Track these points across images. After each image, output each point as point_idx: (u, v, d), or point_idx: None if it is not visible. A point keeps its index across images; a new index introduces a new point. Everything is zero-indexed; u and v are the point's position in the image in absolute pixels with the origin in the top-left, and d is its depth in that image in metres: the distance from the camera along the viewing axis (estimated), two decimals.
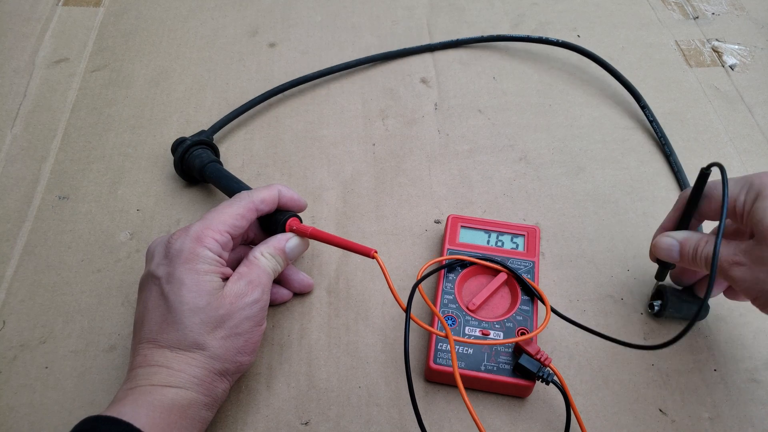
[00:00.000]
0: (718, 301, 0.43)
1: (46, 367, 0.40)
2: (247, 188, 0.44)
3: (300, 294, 0.44)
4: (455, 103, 0.56)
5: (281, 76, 0.58)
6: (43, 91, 0.56)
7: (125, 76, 0.58)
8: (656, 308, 0.42)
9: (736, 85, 0.58)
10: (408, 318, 0.36)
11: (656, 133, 0.53)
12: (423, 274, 0.39)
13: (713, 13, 0.66)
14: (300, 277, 0.43)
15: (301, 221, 0.42)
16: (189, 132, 0.52)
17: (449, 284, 0.42)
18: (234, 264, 0.39)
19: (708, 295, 0.34)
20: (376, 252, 0.37)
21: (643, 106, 0.55)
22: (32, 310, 0.43)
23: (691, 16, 0.65)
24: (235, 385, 0.39)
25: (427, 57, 0.60)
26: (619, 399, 0.39)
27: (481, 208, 0.49)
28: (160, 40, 0.61)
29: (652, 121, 0.54)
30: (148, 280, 0.36)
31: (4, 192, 0.49)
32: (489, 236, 0.44)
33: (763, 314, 0.34)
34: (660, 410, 0.39)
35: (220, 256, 0.37)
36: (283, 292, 0.43)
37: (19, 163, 0.51)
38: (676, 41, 0.62)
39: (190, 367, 0.34)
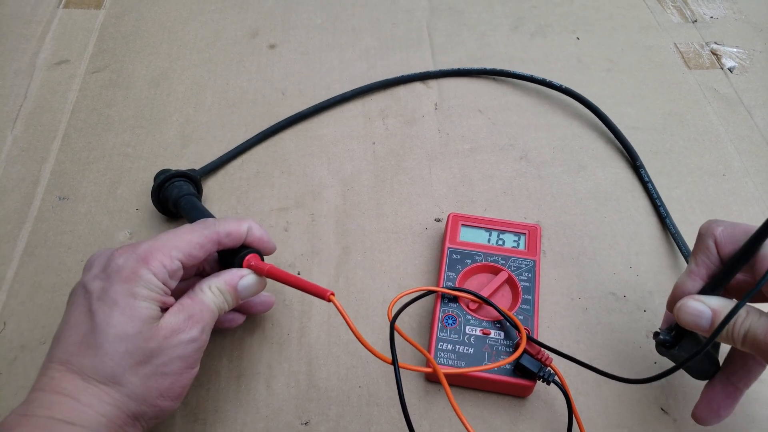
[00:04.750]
0: None
1: None
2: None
3: (256, 314, 0.41)
4: (455, 103, 0.57)
5: (281, 78, 0.58)
6: (43, 92, 0.57)
7: (125, 78, 0.58)
8: (663, 338, 0.34)
9: (735, 88, 0.58)
10: (397, 369, 0.32)
11: (651, 196, 0.49)
12: (394, 314, 0.35)
13: (712, 17, 0.66)
14: (261, 298, 0.39)
15: (262, 260, 0.38)
16: (189, 131, 0.52)
17: (450, 283, 0.41)
18: (181, 296, 0.34)
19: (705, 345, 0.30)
20: (332, 294, 0.33)
21: (639, 167, 0.51)
22: (32, 312, 0.42)
23: (689, 20, 0.66)
24: (235, 384, 0.39)
25: (427, 58, 0.61)
26: (621, 398, 0.39)
27: (482, 206, 0.49)
28: (161, 42, 0.62)
29: (647, 182, 0.50)
30: (78, 293, 0.32)
31: (5, 193, 0.49)
32: (490, 235, 0.44)
33: None
34: (662, 409, 0.38)
35: (164, 284, 0.32)
36: (235, 317, 0.39)
37: (20, 164, 0.51)
38: (675, 44, 0.63)
39: (100, 403, 0.29)
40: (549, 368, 0.37)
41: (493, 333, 0.39)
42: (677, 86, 0.58)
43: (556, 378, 0.37)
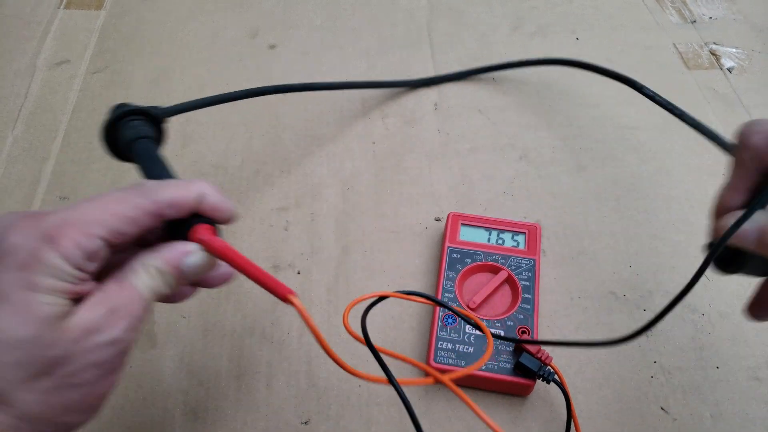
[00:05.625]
0: (721, 298, 0.43)
1: None
2: (164, 176, 0.32)
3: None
4: (455, 103, 0.57)
5: (281, 77, 0.58)
6: (44, 92, 0.57)
7: (125, 78, 0.58)
8: (726, 260, 0.30)
9: (735, 88, 0.58)
10: (398, 388, 0.29)
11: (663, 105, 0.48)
12: (363, 333, 0.30)
13: (711, 17, 0.66)
14: (217, 271, 0.30)
15: (216, 232, 0.29)
16: (189, 131, 0.52)
17: (449, 282, 0.42)
18: (106, 277, 0.26)
19: None
20: (294, 295, 0.26)
21: (639, 87, 0.50)
22: None
23: (689, 20, 0.66)
24: (234, 384, 0.39)
25: (427, 58, 0.61)
26: (621, 397, 0.39)
27: (482, 206, 0.49)
28: (161, 42, 0.62)
29: (651, 95, 0.49)
30: None
31: (5, 193, 0.49)
32: (490, 234, 0.44)
33: None
34: (662, 408, 0.38)
35: (79, 268, 0.24)
36: (182, 289, 0.30)
37: (20, 164, 0.51)
38: (674, 44, 0.63)
39: None
40: (549, 367, 0.37)
41: (492, 332, 0.39)
42: (677, 86, 0.58)
43: (556, 377, 0.37)
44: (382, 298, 0.32)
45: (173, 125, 0.54)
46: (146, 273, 0.26)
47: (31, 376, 0.23)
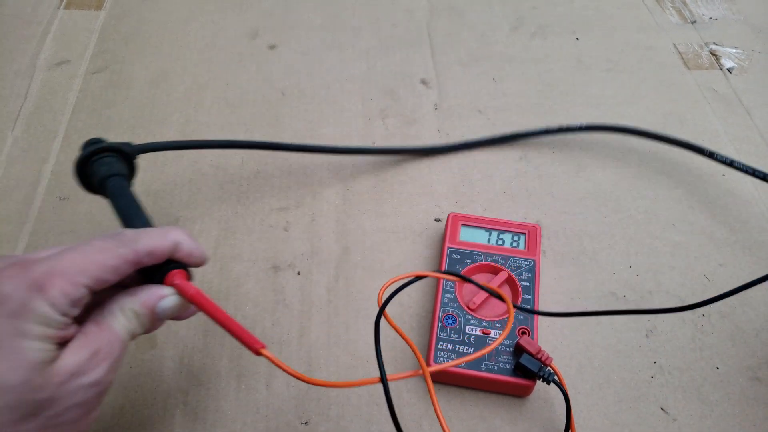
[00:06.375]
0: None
1: None
2: (141, 224, 0.34)
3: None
4: (455, 104, 0.57)
5: (281, 77, 0.58)
6: (44, 92, 0.57)
7: (125, 78, 0.58)
8: None
9: (734, 88, 0.58)
10: (386, 383, 0.29)
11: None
12: (384, 300, 0.31)
13: (711, 18, 0.66)
14: (191, 308, 0.31)
15: (189, 277, 0.31)
16: (189, 131, 0.52)
17: (449, 283, 0.41)
18: (85, 316, 0.28)
19: None
20: (263, 348, 0.28)
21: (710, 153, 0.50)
22: None
23: (689, 20, 0.66)
24: (235, 384, 0.39)
25: (427, 58, 0.61)
26: (621, 398, 0.39)
27: (482, 206, 0.49)
28: (161, 43, 0.62)
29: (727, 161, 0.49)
30: None
31: (6, 194, 0.49)
32: (490, 234, 0.44)
33: (765, 312, 0.34)
34: (662, 409, 0.38)
35: (65, 315, 0.26)
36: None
37: (20, 165, 0.51)
38: (674, 44, 0.63)
39: None
40: (549, 368, 0.37)
41: (493, 333, 0.39)
42: (677, 87, 0.59)
43: (556, 378, 0.37)
44: (419, 277, 0.33)
45: (174, 125, 0.54)
46: (123, 316, 0.28)
47: (19, 418, 0.24)
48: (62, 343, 0.26)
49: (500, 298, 0.35)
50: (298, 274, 0.45)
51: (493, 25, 0.64)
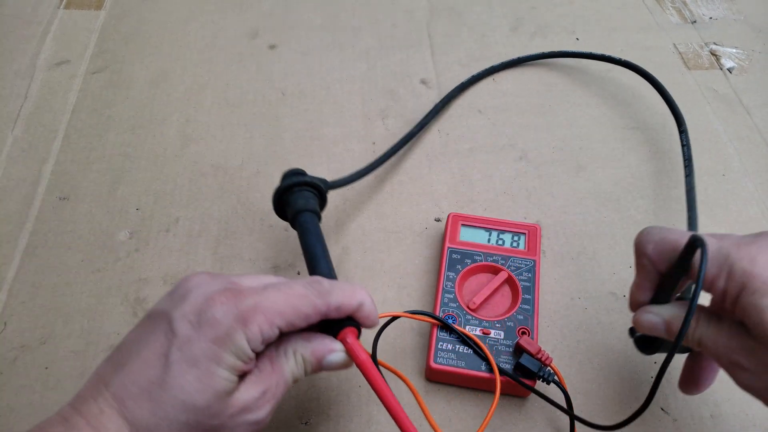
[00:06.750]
0: None
1: (46, 368, 0.40)
2: (328, 269, 0.36)
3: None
4: (455, 104, 0.57)
5: (281, 77, 0.58)
6: (44, 92, 0.57)
7: (125, 78, 0.58)
8: (638, 336, 0.35)
9: (735, 88, 0.58)
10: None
11: (684, 156, 0.49)
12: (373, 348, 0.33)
13: (711, 18, 0.66)
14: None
15: (359, 335, 0.33)
16: (189, 131, 0.52)
17: (449, 283, 0.41)
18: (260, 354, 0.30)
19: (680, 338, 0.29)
20: None
21: (682, 131, 0.51)
22: (33, 312, 0.42)
23: (689, 20, 0.66)
24: None
25: (427, 58, 0.61)
26: (621, 398, 0.39)
27: (482, 206, 0.49)
28: (161, 42, 0.62)
29: (685, 145, 0.50)
30: (160, 322, 0.28)
31: (5, 194, 0.49)
32: (490, 234, 0.44)
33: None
34: (662, 409, 0.38)
35: (254, 351, 0.28)
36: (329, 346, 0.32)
37: (20, 165, 0.51)
38: (674, 44, 0.63)
39: None
40: (549, 368, 0.37)
41: (492, 333, 0.39)
42: (677, 86, 0.58)
43: (556, 378, 0.37)
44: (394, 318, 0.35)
45: (174, 125, 0.54)
46: (294, 359, 0.30)
47: None
48: (241, 376, 0.28)
49: (483, 353, 0.37)
50: (298, 273, 0.45)
51: (493, 25, 0.64)
